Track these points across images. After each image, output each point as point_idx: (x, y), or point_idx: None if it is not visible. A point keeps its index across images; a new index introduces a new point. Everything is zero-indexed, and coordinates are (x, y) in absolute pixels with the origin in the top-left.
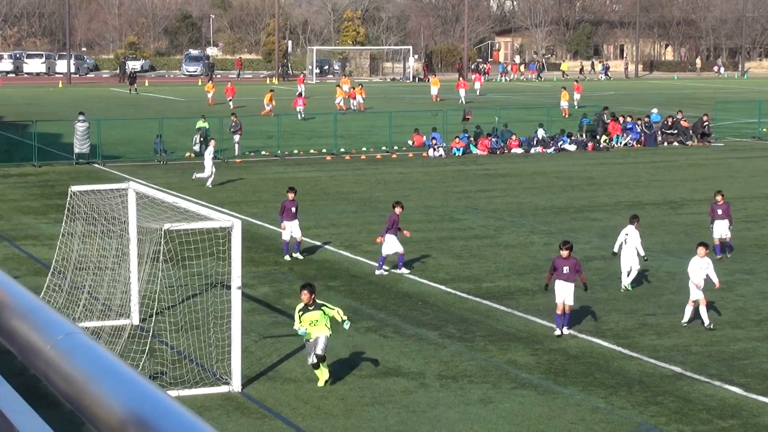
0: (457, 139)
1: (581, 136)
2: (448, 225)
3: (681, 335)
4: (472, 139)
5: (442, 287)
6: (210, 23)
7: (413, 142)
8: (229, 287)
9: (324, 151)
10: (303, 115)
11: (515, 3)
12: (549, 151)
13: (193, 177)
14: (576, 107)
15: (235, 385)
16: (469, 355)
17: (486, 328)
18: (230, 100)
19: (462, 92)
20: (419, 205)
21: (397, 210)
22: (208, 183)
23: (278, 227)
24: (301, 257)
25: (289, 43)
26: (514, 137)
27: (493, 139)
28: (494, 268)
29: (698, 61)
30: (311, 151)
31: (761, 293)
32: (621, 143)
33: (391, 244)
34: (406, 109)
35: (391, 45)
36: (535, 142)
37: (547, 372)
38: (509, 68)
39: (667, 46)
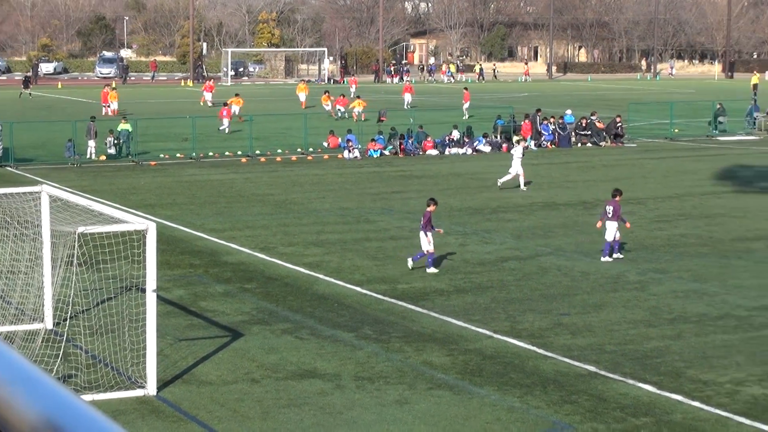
0: (372, 141)
1: (496, 137)
2: (364, 226)
3: (595, 334)
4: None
5: (358, 289)
6: (124, 25)
7: (329, 144)
8: (144, 290)
9: (239, 153)
10: (228, 130)
11: (430, 5)
12: (464, 151)
13: None
14: (467, 116)
15: (150, 388)
16: (385, 356)
17: (402, 329)
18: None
19: (407, 96)
20: (334, 207)
21: (431, 207)
22: None
23: (193, 230)
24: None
25: (204, 45)
26: (429, 138)
27: (408, 141)
28: (409, 269)
29: (643, 63)
30: (226, 153)
31: (673, 292)
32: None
33: (423, 243)
34: (322, 111)
35: (306, 47)
36: (449, 142)
37: (463, 372)
38: (435, 68)
39: (580, 47)
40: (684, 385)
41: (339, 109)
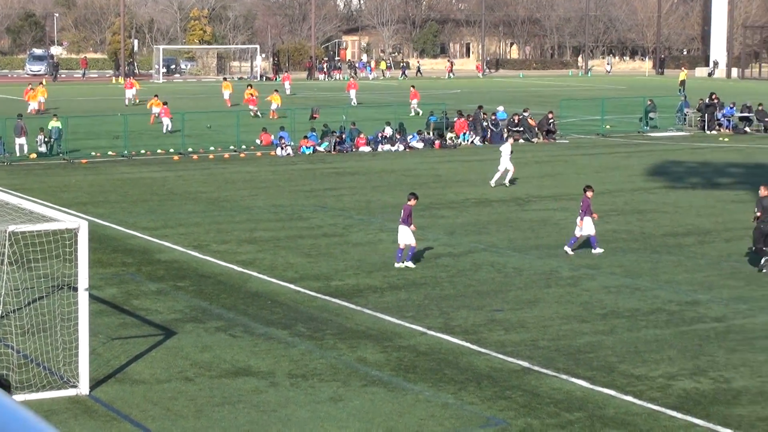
0: (305, 138)
1: (428, 133)
2: (297, 224)
3: (528, 330)
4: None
5: (292, 286)
6: (54, 22)
7: (261, 141)
8: (76, 289)
9: (171, 150)
10: (170, 129)
11: (362, 1)
12: (396, 148)
13: None
14: (415, 113)
15: (83, 387)
16: (319, 353)
17: (335, 327)
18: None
19: (352, 93)
20: (268, 204)
21: (412, 201)
22: None
23: (125, 228)
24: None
25: (135, 42)
26: (361, 135)
27: (336, 138)
28: (343, 266)
29: (580, 58)
30: (158, 151)
31: (605, 288)
32: (468, 141)
33: (405, 236)
34: (246, 109)
35: (239, 44)
36: (381, 139)
37: (397, 369)
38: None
39: (512, 44)
40: (616, 380)
41: (252, 108)
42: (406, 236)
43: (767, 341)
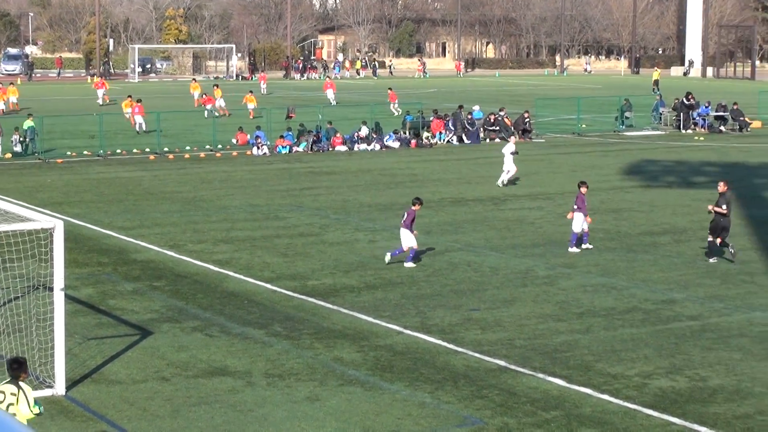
0: (281, 138)
1: (405, 133)
2: (273, 223)
3: (505, 329)
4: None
5: (268, 285)
6: (29, 21)
7: (237, 141)
8: (51, 289)
9: (147, 150)
10: (144, 128)
11: (338, 1)
12: (372, 147)
13: None
14: (397, 114)
15: (59, 388)
16: (296, 353)
17: (312, 326)
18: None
19: (330, 93)
20: (244, 204)
21: (416, 207)
22: None
23: (101, 228)
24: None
25: (111, 41)
26: (337, 135)
27: (314, 137)
28: (320, 265)
29: (557, 58)
30: (134, 150)
31: (582, 286)
32: (444, 140)
33: (407, 239)
34: (230, 108)
35: (214, 43)
36: (357, 138)
37: (374, 368)
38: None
39: (488, 43)
40: (593, 379)
41: (207, 108)
42: (408, 239)
43: (743, 339)
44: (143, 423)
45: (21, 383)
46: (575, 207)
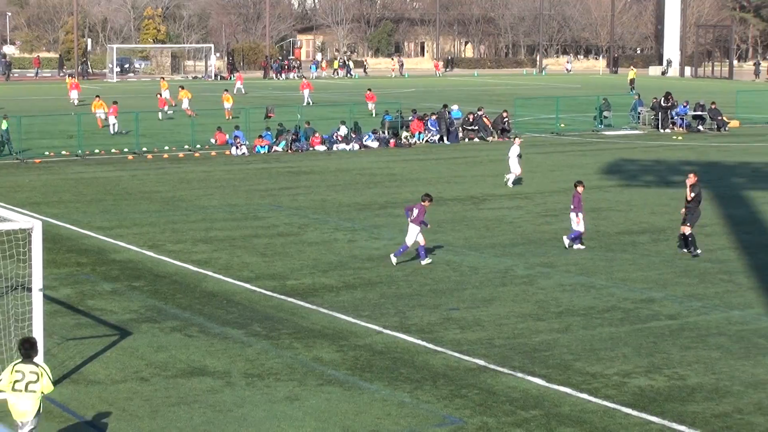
0: (260, 138)
1: (383, 133)
2: (252, 223)
3: (484, 329)
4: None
5: (247, 285)
6: (6, 21)
7: (216, 141)
8: (30, 289)
9: (126, 150)
10: (117, 129)
11: (316, 0)
12: (350, 147)
13: None
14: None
15: None
16: (275, 352)
17: (291, 326)
18: None
19: (306, 93)
20: (223, 204)
21: (426, 203)
22: None
23: (80, 228)
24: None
25: (89, 41)
26: (316, 134)
27: (293, 136)
28: (299, 265)
29: (537, 57)
30: (113, 150)
31: (561, 286)
32: (423, 140)
33: (414, 235)
34: (209, 108)
35: (193, 43)
36: (336, 138)
37: (353, 368)
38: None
39: (467, 43)
40: (572, 378)
41: (162, 110)
42: (414, 236)
43: (721, 338)
44: (122, 423)
45: (40, 363)
46: (572, 207)
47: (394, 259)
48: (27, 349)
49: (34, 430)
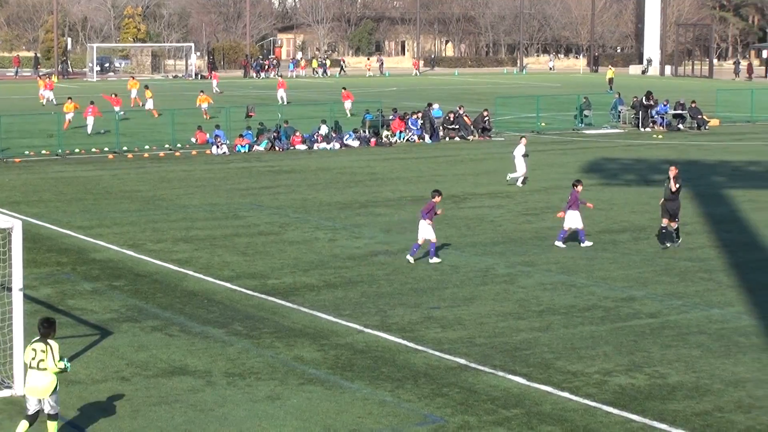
0: (240, 137)
1: (364, 132)
2: (233, 222)
3: (465, 327)
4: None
5: (228, 284)
6: None
7: (197, 140)
8: (10, 289)
9: (106, 149)
10: (93, 129)
11: None
12: (331, 146)
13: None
14: (350, 115)
15: (18, 388)
16: (256, 352)
17: (272, 325)
18: None
19: (281, 92)
20: (203, 203)
21: (437, 198)
22: None
23: (60, 228)
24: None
25: (69, 40)
26: (297, 133)
27: (274, 134)
28: (279, 264)
29: (518, 55)
30: (93, 149)
31: (541, 284)
32: (404, 139)
33: (425, 231)
34: (189, 107)
35: (173, 42)
36: (317, 138)
37: (334, 367)
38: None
39: (447, 42)
40: (553, 377)
41: (116, 109)
42: (425, 232)
43: (701, 336)
44: (103, 423)
45: (49, 341)
46: (567, 205)
47: (411, 259)
48: (45, 328)
49: (54, 409)
